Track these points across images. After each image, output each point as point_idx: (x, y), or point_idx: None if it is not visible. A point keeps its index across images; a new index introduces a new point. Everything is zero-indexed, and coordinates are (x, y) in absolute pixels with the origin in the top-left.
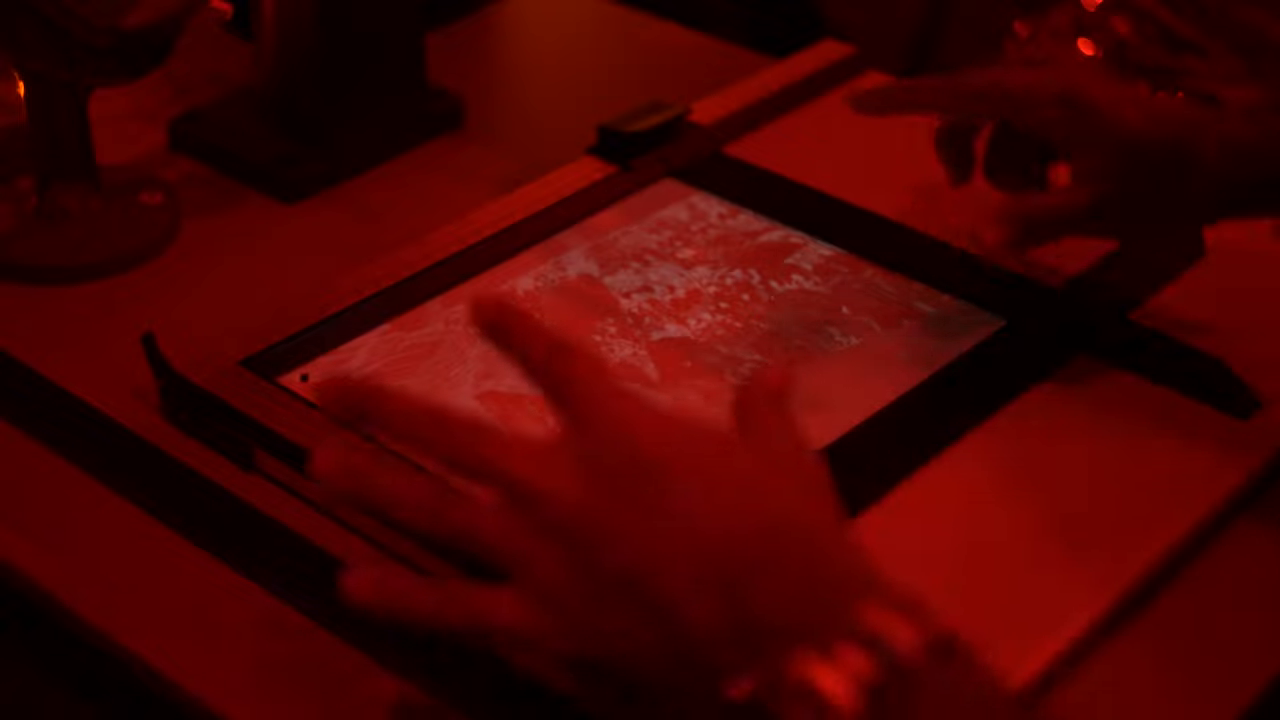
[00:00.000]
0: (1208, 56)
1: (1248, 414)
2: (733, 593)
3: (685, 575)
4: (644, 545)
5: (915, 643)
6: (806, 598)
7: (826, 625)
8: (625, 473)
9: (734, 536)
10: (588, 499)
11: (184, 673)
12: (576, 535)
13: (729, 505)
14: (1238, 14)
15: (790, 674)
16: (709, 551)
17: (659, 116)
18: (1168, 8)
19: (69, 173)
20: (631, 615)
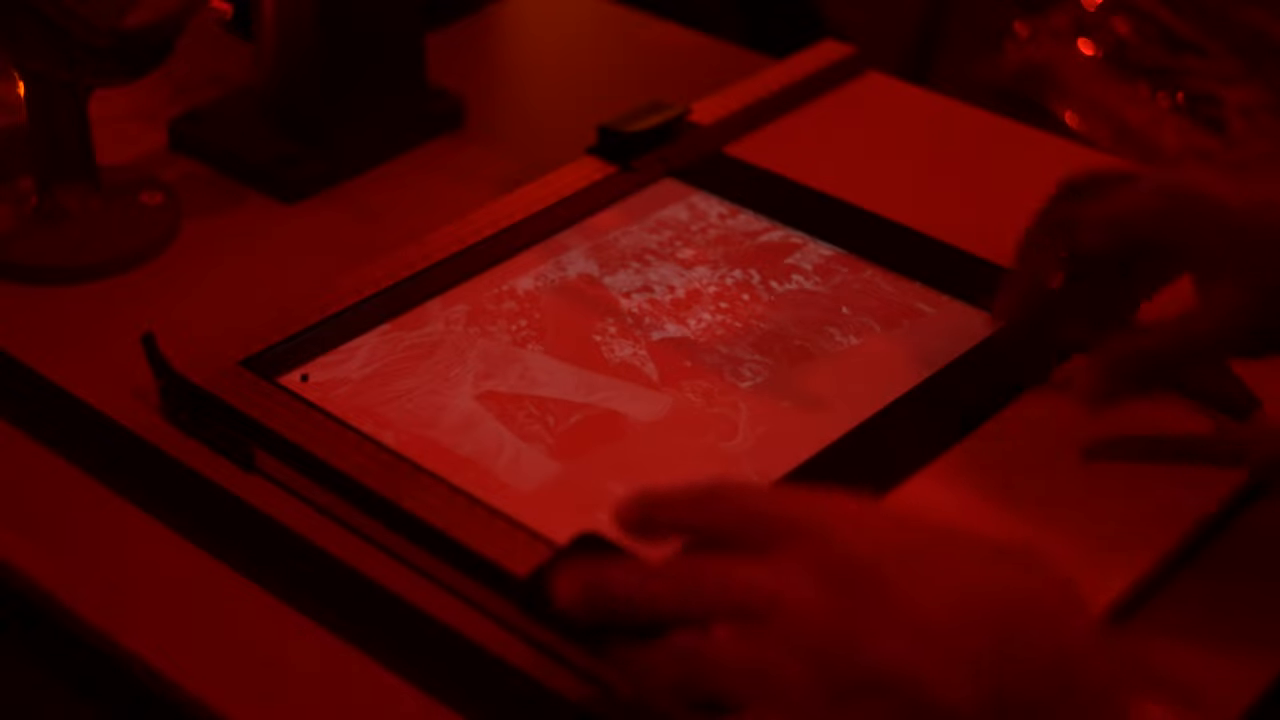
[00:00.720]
0: (1208, 56)
1: (1248, 414)
2: (985, 672)
3: (937, 662)
4: (888, 640)
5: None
6: (1071, 681)
7: (1090, 710)
8: (848, 572)
9: (972, 615)
10: (821, 604)
11: (184, 673)
12: (817, 644)
13: (958, 586)
14: (1238, 14)
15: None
16: (956, 634)
17: (659, 116)
18: (1168, 8)
19: (69, 173)
20: (888, 714)
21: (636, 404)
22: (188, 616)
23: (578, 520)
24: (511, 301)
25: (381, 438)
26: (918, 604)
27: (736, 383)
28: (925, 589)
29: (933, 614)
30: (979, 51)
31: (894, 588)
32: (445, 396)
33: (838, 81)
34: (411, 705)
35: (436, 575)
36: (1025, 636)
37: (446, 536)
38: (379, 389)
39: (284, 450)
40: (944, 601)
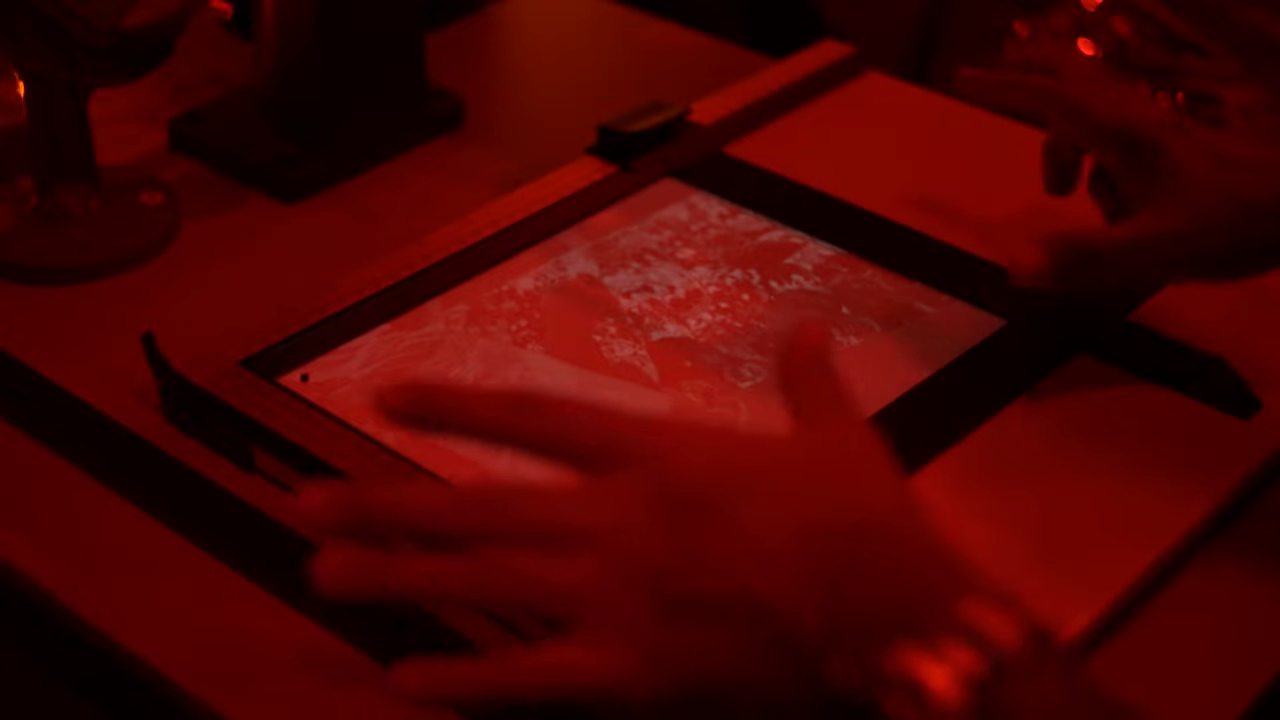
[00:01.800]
0: (1208, 56)
1: (1248, 414)
2: (823, 586)
3: (775, 579)
4: (726, 561)
5: (1017, 637)
6: (901, 590)
7: (927, 619)
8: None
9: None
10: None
11: (184, 673)
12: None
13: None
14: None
15: (892, 667)
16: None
17: (659, 116)
18: (1168, 8)
19: (69, 173)
20: (725, 631)
21: (636, 404)
22: (188, 616)
23: None
24: (511, 301)
25: (381, 438)
26: (753, 522)
27: (736, 383)
28: (761, 507)
29: (769, 534)
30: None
31: (729, 509)
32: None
33: (838, 81)
34: (412, 705)
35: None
36: (863, 550)
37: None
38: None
39: (284, 450)
40: (780, 519)
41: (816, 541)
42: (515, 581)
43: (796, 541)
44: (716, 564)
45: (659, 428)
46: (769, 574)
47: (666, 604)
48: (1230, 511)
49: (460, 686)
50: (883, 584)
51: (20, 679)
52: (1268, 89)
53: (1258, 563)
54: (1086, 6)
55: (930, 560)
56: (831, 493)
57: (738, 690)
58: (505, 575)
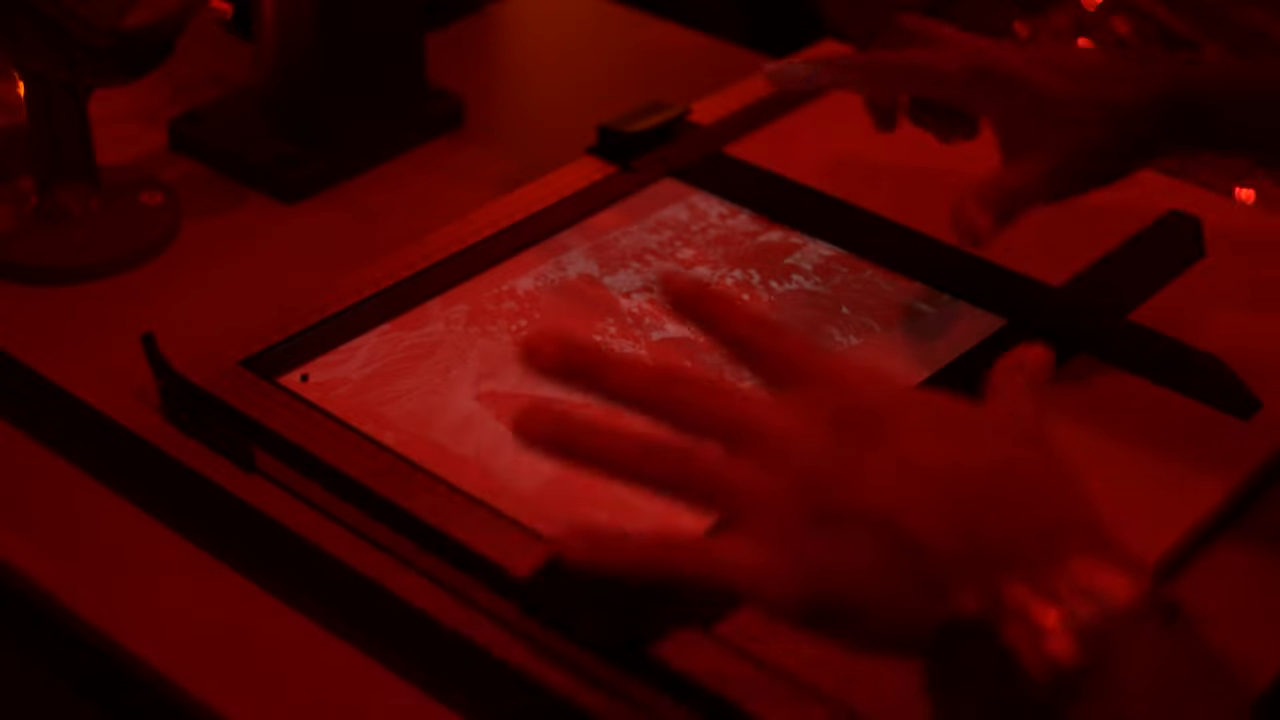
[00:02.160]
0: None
1: (1248, 414)
2: (964, 521)
3: (921, 504)
4: (880, 479)
5: (1131, 595)
6: (1035, 536)
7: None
8: (852, 417)
9: (962, 470)
10: (819, 438)
11: (184, 673)
12: (812, 474)
13: (959, 444)
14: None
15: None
16: (942, 482)
17: (659, 116)
18: (1167, 8)
19: (69, 173)
20: (867, 546)
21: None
22: (188, 616)
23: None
24: (511, 301)
25: (381, 438)
26: (911, 450)
27: (736, 383)
28: (921, 439)
29: (924, 461)
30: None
31: (892, 433)
32: (445, 396)
33: None
34: (411, 705)
35: (436, 575)
36: (1007, 497)
37: (446, 536)
38: (379, 389)
39: (284, 450)
40: (937, 452)
41: (965, 476)
42: (685, 466)
43: (946, 474)
44: (869, 483)
45: (851, 364)
46: (915, 500)
47: (818, 513)
48: (1230, 511)
49: (620, 556)
50: (1018, 525)
51: (20, 679)
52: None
53: (1258, 562)
54: (1086, 6)
55: (1067, 515)
56: (985, 436)
57: (871, 603)
58: (678, 457)
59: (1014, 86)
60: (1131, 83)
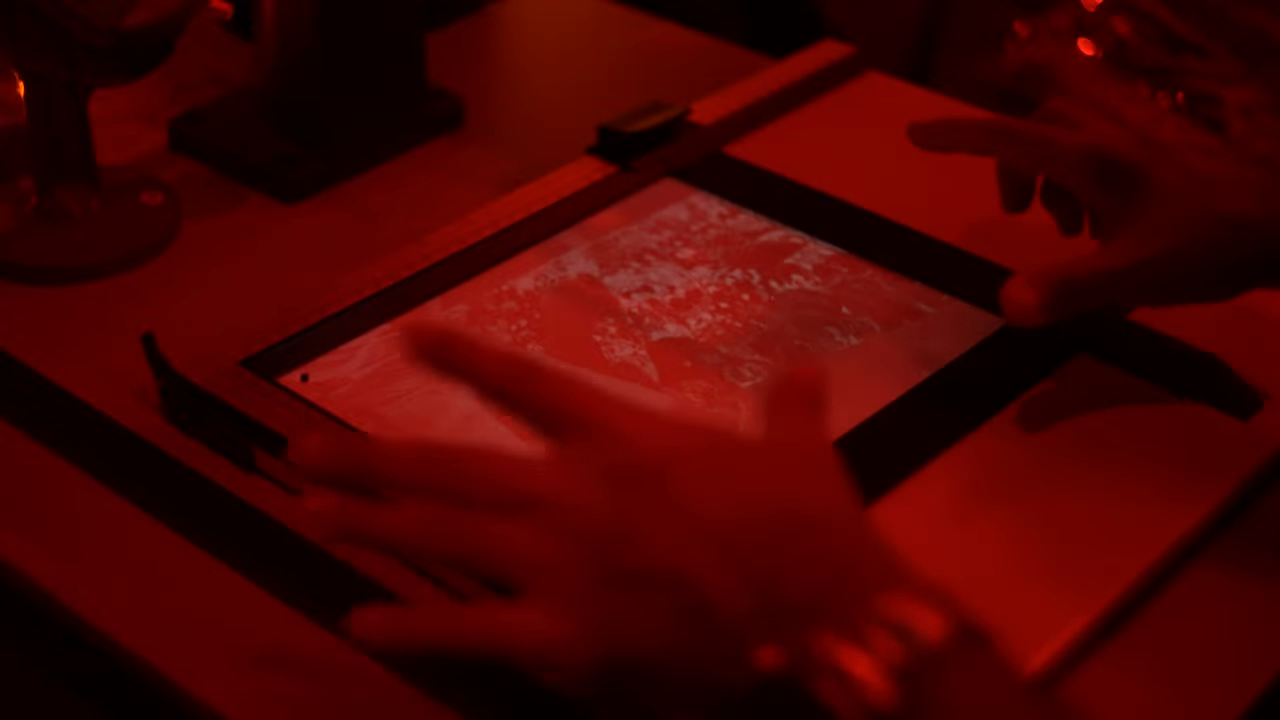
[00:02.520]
0: (1208, 56)
1: (1248, 414)
2: (757, 574)
3: (708, 562)
4: (665, 538)
5: (942, 629)
6: (831, 581)
7: (853, 610)
8: (629, 474)
9: (749, 519)
10: (600, 500)
11: (184, 673)
12: (595, 536)
13: (742, 492)
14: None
15: (819, 653)
16: (728, 536)
17: (659, 116)
18: (1168, 8)
19: (69, 173)
20: (658, 607)
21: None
22: (188, 616)
23: None
24: (511, 301)
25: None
26: (696, 504)
27: (736, 383)
28: (704, 491)
29: (710, 514)
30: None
31: (674, 488)
32: (445, 396)
33: (838, 81)
34: (411, 705)
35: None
36: (797, 542)
37: None
38: (379, 389)
39: (284, 450)
40: (721, 504)
41: (752, 526)
42: (468, 540)
43: (732, 525)
44: (653, 539)
45: (621, 405)
46: (702, 555)
47: (605, 576)
48: (1231, 511)
49: (411, 635)
50: (813, 573)
51: (20, 679)
52: (1268, 89)
53: (1258, 563)
54: (1086, 6)
55: (862, 553)
56: (772, 482)
57: (668, 666)
58: (459, 532)
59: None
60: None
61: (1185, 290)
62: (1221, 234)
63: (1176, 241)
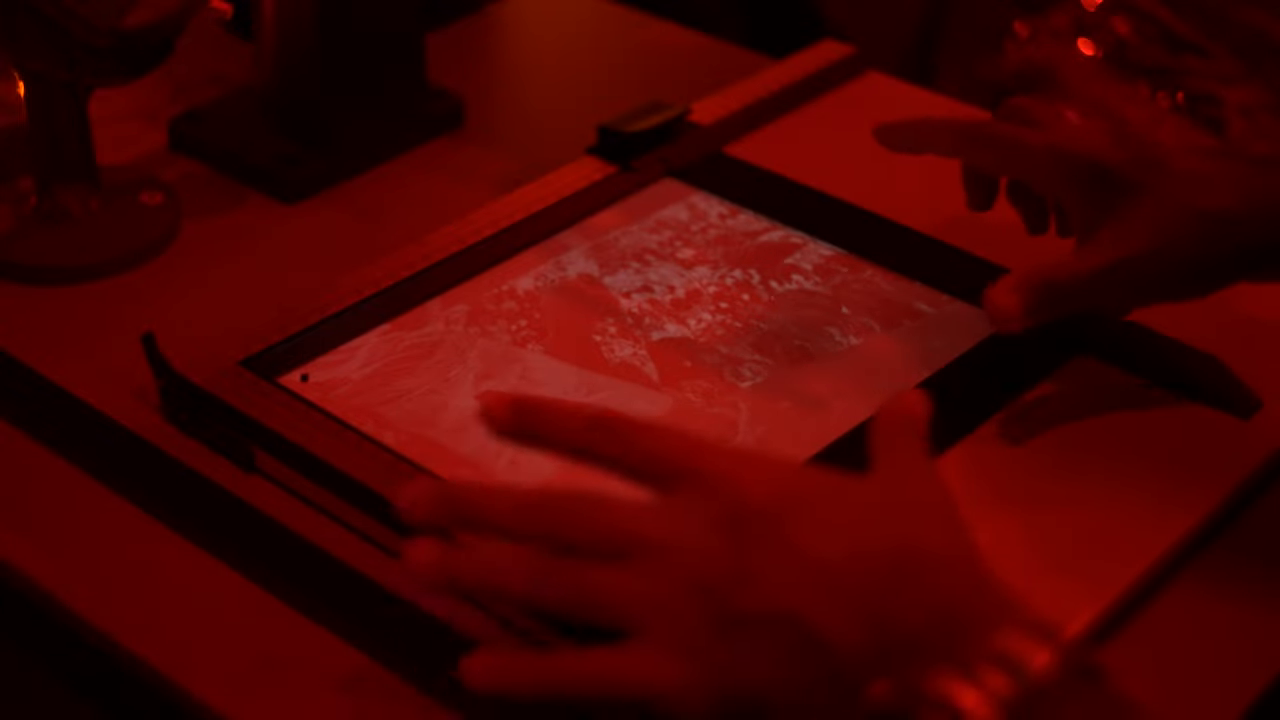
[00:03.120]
0: (1208, 56)
1: (1248, 414)
2: (870, 613)
3: (822, 601)
4: (778, 579)
5: (1052, 665)
6: (943, 618)
7: (964, 647)
8: (744, 516)
9: (862, 559)
10: (712, 544)
11: (184, 673)
12: (709, 579)
13: (854, 532)
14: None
15: (930, 690)
16: (842, 576)
17: (659, 116)
18: (1168, 8)
19: (69, 173)
20: (773, 648)
21: (636, 404)
22: (188, 616)
23: None
24: (511, 301)
25: (381, 438)
26: (808, 546)
27: (736, 383)
28: (816, 532)
29: (822, 555)
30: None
31: (786, 530)
32: (445, 396)
33: (838, 81)
34: (411, 705)
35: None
36: (910, 581)
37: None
38: (379, 389)
39: (284, 450)
40: (834, 544)
41: (864, 566)
42: (578, 586)
43: (846, 566)
44: (769, 583)
45: (725, 452)
46: (818, 596)
47: (721, 618)
48: (1230, 511)
49: (525, 680)
50: (926, 611)
51: (20, 679)
52: (1268, 89)
53: (1258, 563)
54: (1086, 6)
55: (974, 590)
56: (883, 521)
57: (782, 705)
58: (570, 578)
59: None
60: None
61: (1167, 288)
62: (1201, 230)
63: (1156, 240)
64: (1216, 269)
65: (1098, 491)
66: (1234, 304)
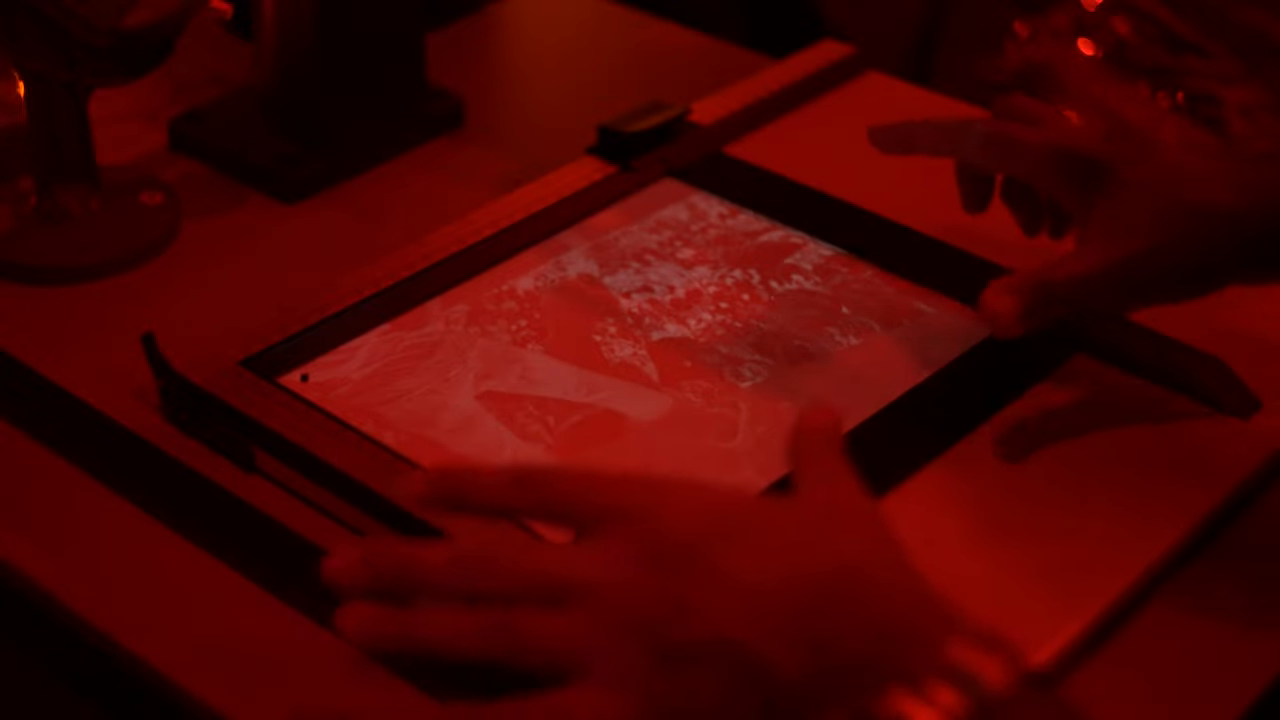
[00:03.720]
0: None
1: (1248, 414)
2: (811, 636)
3: (761, 628)
4: (714, 610)
5: (1005, 675)
6: (886, 637)
7: (913, 663)
8: (673, 550)
9: (796, 581)
10: (644, 580)
11: (184, 672)
12: (645, 615)
13: (786, 555)
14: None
15: (880, 712)
16: (778, 601)
17: (659, 116)
18: (1168, 8)
19: (69, 173)
20: (716, 679)
21: (636, 404)
22: (188, 616)
23: None
24: (511, 301)
25: (381, 438)
26: (740, 572)
27: (736, 383)
28: (748, 558)
29: (755, 581)
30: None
31: (716, 559)
32: (445, 396)
33: (838, 81)
34: (412, 705)
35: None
36: (848, 600)
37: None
38: (379, 389)
39: (284, 450)
40: (766, 569)
41: (800, 590)
42: (515, 637)
43: (781, 591)
44: (704, 613)
45: (648, 487)
46: (754, 623)
47: (659, 652)
48: (1230, 512)
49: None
50: (867, 630)
51: (20, 679)
52: (1268, 89)
53: (1257, 564)
54: (1086, 6)
55: (914, 604)
56: (815, 542)
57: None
58: (505, 631)
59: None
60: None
61: (1164, 288)
62: (1198, 226)
63: (1154, 237)
64: (1214, 267)
65: (1096, 491)
66: (1234, 304)
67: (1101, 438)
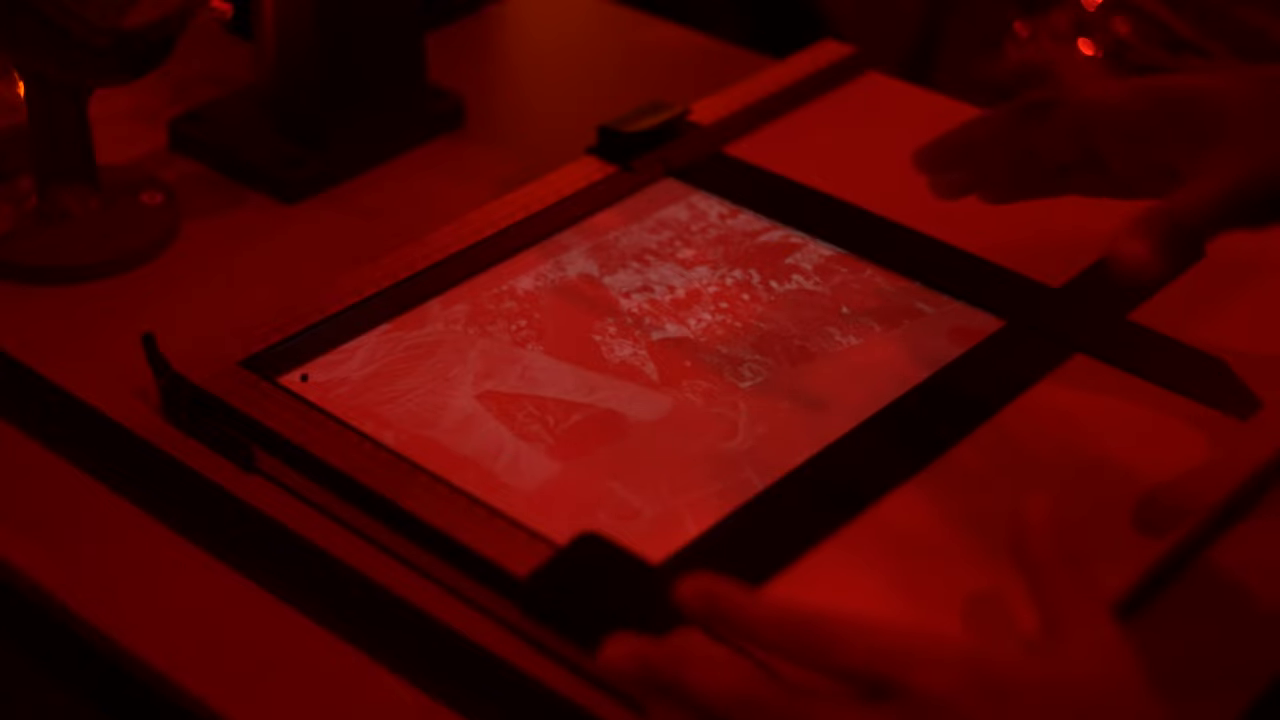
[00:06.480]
0: (1208, 56)
1: (1248, 414)
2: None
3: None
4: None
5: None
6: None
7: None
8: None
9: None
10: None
11: (184, 672)
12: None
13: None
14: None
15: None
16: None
17: (659, 116)
18: (1168, 8)
19: (69, 173)
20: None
21: (636, 404)
22: (188, 616)
23: (578, 520)
24: (511, 301)
25: (381, 438)
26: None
27: (736, 383)
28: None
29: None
30: (979, 51)
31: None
32: (445, 396)
33: (838, 81)
34: (411, 705)
35: (436, 575)
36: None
37: (446, 536)
38: (379, 389)
39: (284, 450)
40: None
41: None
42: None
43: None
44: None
45: (916, 653)
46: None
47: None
48: (1230, 512)
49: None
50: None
51: (20, 679)
52: None
53: (1258, 563)
54: (1086, 6)
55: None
56: (1075, 714)
57: None
58: (800, 711)
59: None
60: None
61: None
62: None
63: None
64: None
65: (1096, 492)
66: (1234, 304)
67: (1101, 438)
